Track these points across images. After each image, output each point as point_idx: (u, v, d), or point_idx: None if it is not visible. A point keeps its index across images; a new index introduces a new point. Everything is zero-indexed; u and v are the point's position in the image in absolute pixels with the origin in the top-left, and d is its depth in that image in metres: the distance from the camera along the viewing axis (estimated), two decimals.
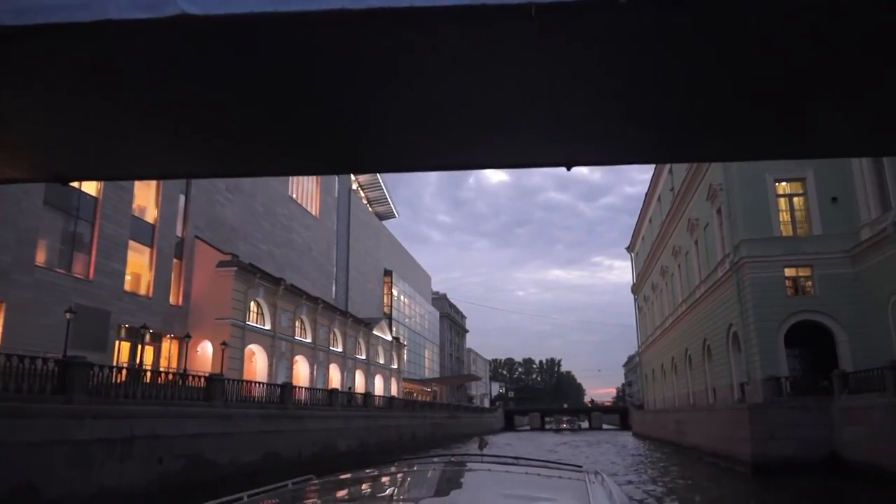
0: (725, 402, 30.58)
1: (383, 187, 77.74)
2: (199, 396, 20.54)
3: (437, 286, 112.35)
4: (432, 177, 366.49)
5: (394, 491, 3.96)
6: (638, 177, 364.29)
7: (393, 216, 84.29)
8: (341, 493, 4.01)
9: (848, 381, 22.57)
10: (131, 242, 30.09)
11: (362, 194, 74.29)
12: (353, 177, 69.47)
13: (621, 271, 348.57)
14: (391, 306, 73.85)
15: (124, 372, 20.29)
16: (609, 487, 3.96)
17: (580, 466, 4.62)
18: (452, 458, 4.83)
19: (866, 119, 8.48)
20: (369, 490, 4.05)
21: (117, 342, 28.69)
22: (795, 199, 27.93)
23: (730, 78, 6.86)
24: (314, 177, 54.91)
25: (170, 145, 9.51)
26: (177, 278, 33.70)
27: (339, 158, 10.96)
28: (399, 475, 4.31)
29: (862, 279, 25.50)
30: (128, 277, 30.14)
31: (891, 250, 23.12)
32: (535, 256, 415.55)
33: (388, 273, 75.16)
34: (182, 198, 34.68)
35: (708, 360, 35.63)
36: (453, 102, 7.54)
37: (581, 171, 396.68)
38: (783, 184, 28.01)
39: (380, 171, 53.07)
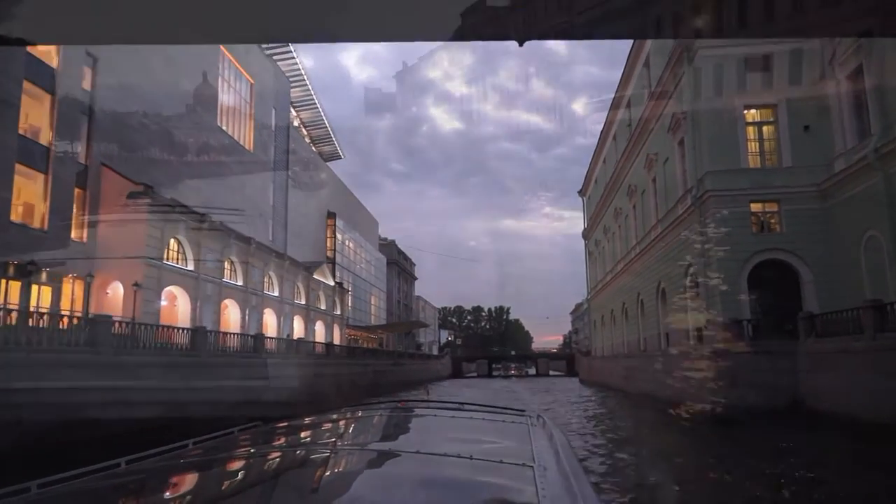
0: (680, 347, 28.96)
1: (328, 125, 73.01)
2: (81, 342, 17.30)
3: (391, 234, 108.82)
4: (384, 124, 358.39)
5: (341, 436, 3.91)
6: (591, 128, 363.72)
7: (339, 157, 79.72)
8: (287, 439, 3.89)
9: (815, 324, 20.93)
10: (19, 167, 25.90)
11: (304, 132, 69.62)
12: (293, 112, 64.72)
13: (571, 222, 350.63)
14: (335, 250, 70.38)
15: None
16: (550, 430, 3.97)
17: (523, 410, 4.68)
18: (399, 404, 4.92)
19: None
20: (316, 435, 3.95)
21: (3, 281, 24.87)
22: (765, 128, 25.75)
23: None
24: (247, 107, 50.44)
25: None
26: (80, 210, 29.69)
27: (241, 23, 8.04)
28: (344, 421, 4.27)
29: (832, 215, 23.71)
30: (20, 208, 26.21)
31: (868, 181, 21.23)
32: (487, 206, 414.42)
33: (331, 215, 71.38)
34: (85, 119, 30.34)
35: (661, 304, 33.96)
36: None
37: (534, 120, 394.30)
38: (752, 111, 25.78)
39: (297, 41, 46.36)
